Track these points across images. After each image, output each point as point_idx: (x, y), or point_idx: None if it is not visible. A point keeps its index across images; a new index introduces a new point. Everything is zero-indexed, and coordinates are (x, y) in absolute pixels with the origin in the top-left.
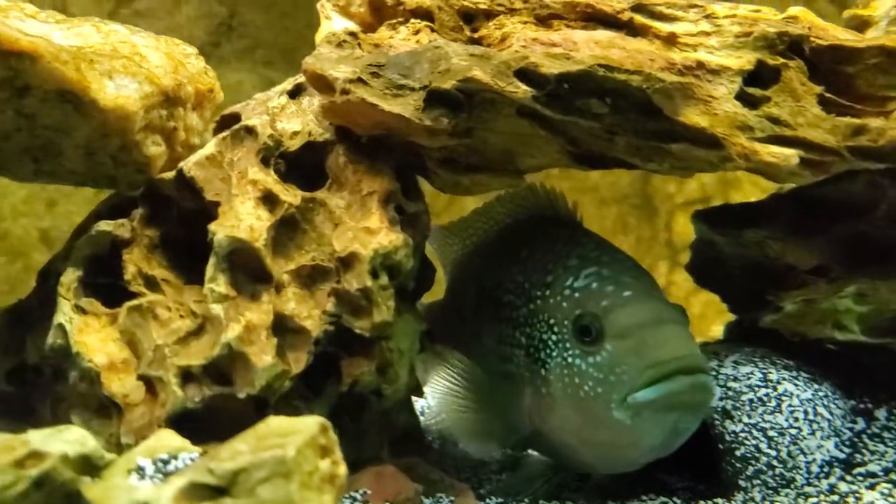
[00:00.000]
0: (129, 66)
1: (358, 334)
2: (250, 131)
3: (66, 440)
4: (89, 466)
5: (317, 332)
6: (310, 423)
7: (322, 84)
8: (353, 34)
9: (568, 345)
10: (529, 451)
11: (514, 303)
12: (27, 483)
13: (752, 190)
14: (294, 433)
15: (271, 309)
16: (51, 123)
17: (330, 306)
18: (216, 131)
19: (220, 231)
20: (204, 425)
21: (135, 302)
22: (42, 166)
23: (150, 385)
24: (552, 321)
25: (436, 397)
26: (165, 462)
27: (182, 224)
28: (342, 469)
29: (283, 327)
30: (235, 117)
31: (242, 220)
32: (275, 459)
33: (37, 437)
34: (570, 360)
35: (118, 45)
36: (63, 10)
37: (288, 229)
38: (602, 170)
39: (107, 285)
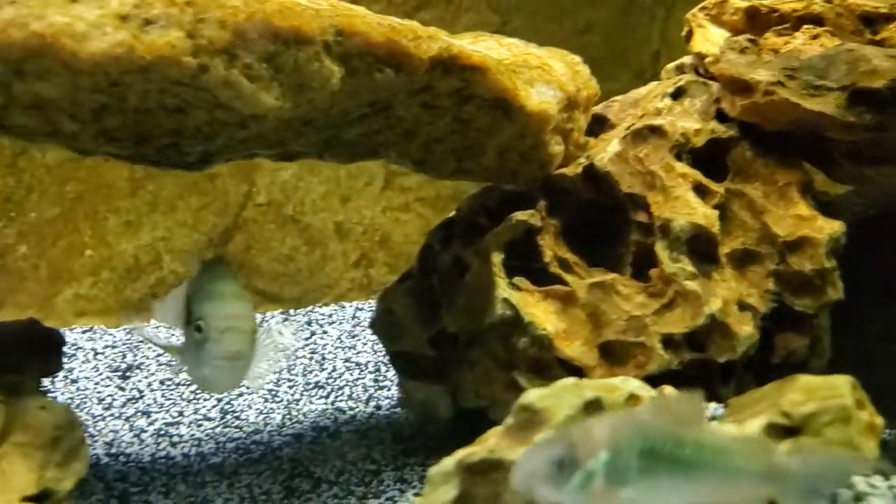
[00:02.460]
0: (543, 75)
1: (796, 311)
2: (655, 130)
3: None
4: None
5: (763, 309)
6: (844, 380)
7: (738, 86)
8: (752, 41)
9: None
10: None
11: None
12: None
13: None
14: (837, 387)
15: (729, 286)
16: (481, 127)
17: (771, 285)
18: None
19: (678, 218)
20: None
21: (597, 279)
22: (462, 165)
23: (612, 351)
24: None
25: None
26: None
27: (578, 214)
28: (879, 420)
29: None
30: (600, 118)
31: (695, 208)
32: (837, 407)
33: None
34: None
35: (526, 56)
36: None
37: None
38: None
39: (518, 266)
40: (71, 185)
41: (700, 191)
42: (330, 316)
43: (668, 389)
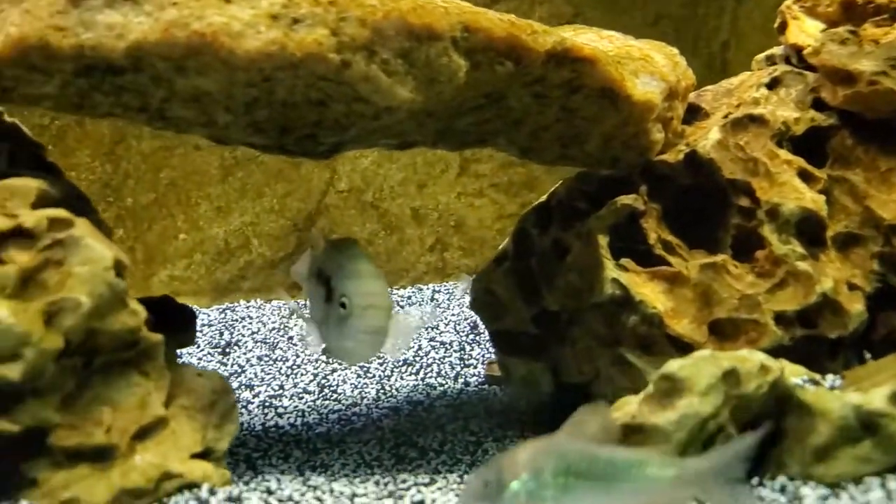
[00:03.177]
0: (646, 66)
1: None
2: (755, 119)
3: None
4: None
5: (868, 289)
6: None
7: (840, 76)
8: (853, 32)
9: None
10: None
11: None
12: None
13: None
14: None
15: (836, 267)
16: (587, 115)
17: (875, 266)
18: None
19: (787, 202)
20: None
21: (708, 260)
22: (567, 151)
23: (722, 328)
24: None
25: None
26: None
27: (677, 199)
28: None
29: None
30: (693, 107)
31: (803, 193)
32: None
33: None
34: None
35: (628, 48)
36: None
37: None
38: None
39: (622, 248)
40: (165, 172)
41: (804, 176)
42: (409, 298)
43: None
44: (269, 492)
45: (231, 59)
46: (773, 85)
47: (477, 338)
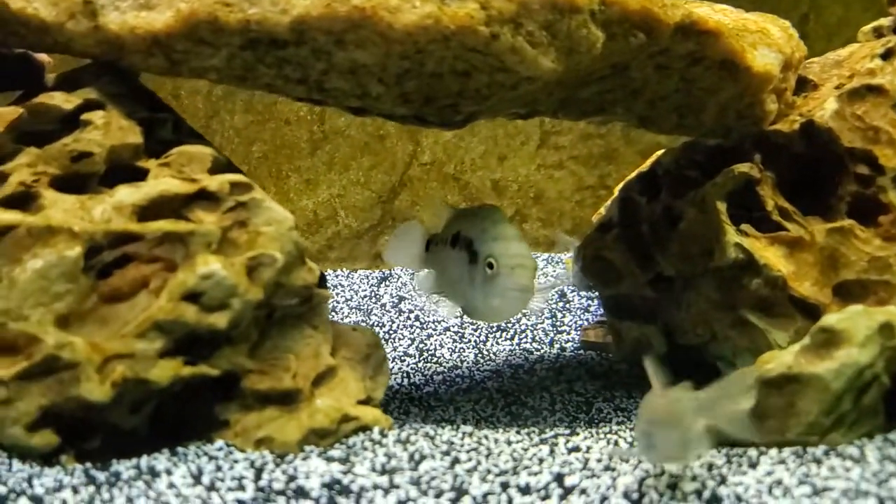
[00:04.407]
0: (763, 39)
1: None
2: (873, 89)
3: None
4: None
5: None
6: None
7: None
8: None
9: None
10: None
11: None
12: None
13: None
14: None
15: None
16: (705, 86)
17: None
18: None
19: None
20: None
21: (835, 224)
22: (683, 121)
23: (848, 289)
24: None
25: None
26: None
27: (790, 167)
28: None
29: None
30: (801, 78)
31: None
32: None
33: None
34: None
35: (744, 21)
36: None
37: None
38: None
39: (738, 215)
40: (257, 146)
41: None
42: None
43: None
44: (429, 436)
45: (389, 33)
46: (887, 56)
47: (567, 305)
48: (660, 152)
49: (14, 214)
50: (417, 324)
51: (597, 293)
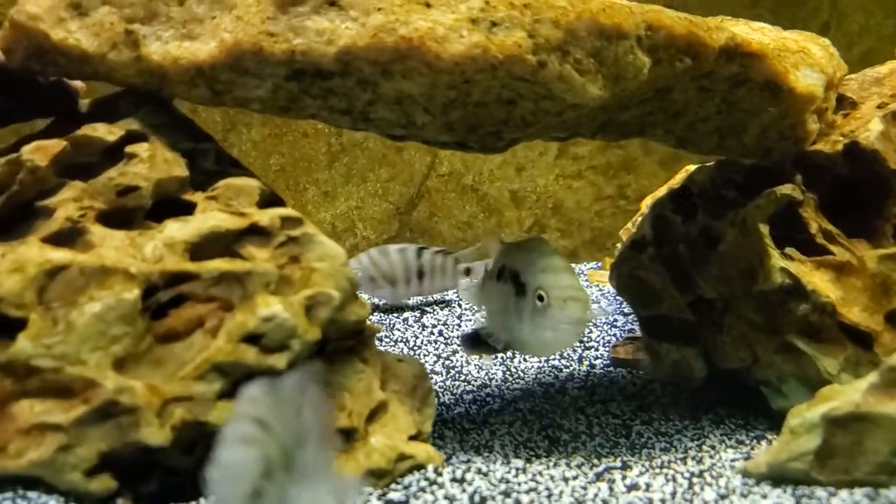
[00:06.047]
0: (805, 59)
1: None
2: None
3: None
4: None
5: None
6: None
7: None
8: None
9: None
10: None
11: None
12: None
13: None
14: None
15: None
16: (747, 107)
17: None
18: None
19: None
20: None
21: (889, 251)
22: (724, 142)
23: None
24: None
25: None
26: None
27: (831, 188)
28: None
29: None
30: (839, 96)
31: None
32: None
33: None
34: None
35: (784, 40)
36: None
37: None
38: None
39: (781, 237)
40: (274, 159)
41: None
42: None
43: None
44: (483, 473)
45: (436, 63)
46: None
47: (593, 321)
48: (690, 168)
49: (65, 253)
50: (441, 339)
51: (629, 311)
